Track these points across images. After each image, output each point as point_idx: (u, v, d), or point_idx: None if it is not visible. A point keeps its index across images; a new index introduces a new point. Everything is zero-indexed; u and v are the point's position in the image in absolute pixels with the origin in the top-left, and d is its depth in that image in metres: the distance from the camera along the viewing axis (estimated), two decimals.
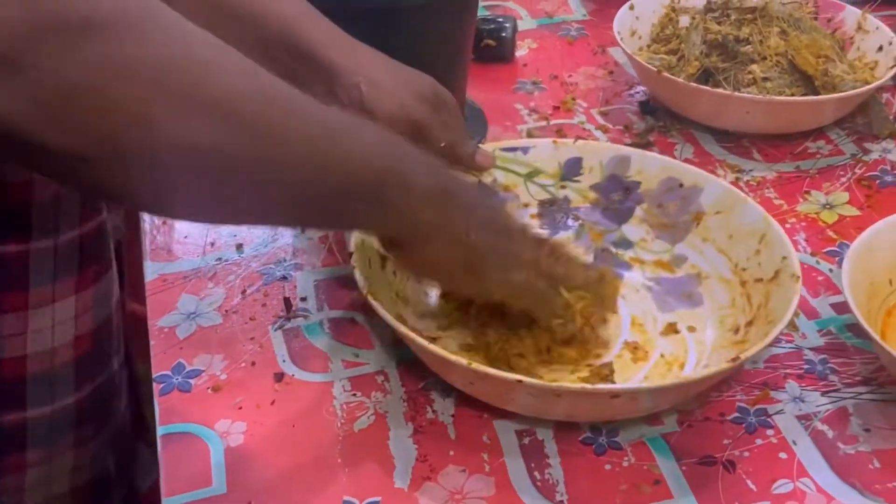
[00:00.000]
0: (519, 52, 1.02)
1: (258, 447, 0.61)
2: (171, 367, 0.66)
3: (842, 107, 0.88)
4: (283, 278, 0.73)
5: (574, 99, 0.94)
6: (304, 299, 0.71)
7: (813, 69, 0.86)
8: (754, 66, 0.87)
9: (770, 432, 0.62)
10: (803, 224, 0.79)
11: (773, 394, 0.65)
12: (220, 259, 0.75)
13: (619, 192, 0.76)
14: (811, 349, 0.68)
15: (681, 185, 0.74)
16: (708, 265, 0.72)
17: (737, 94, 0.85)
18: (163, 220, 0.78)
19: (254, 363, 0.67)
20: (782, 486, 0.59)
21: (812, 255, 0.76)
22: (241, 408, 0.63)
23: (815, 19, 0.95)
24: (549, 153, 0.77)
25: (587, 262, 0.71)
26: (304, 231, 0.78)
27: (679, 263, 0.73)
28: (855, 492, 0.59)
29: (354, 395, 0.64)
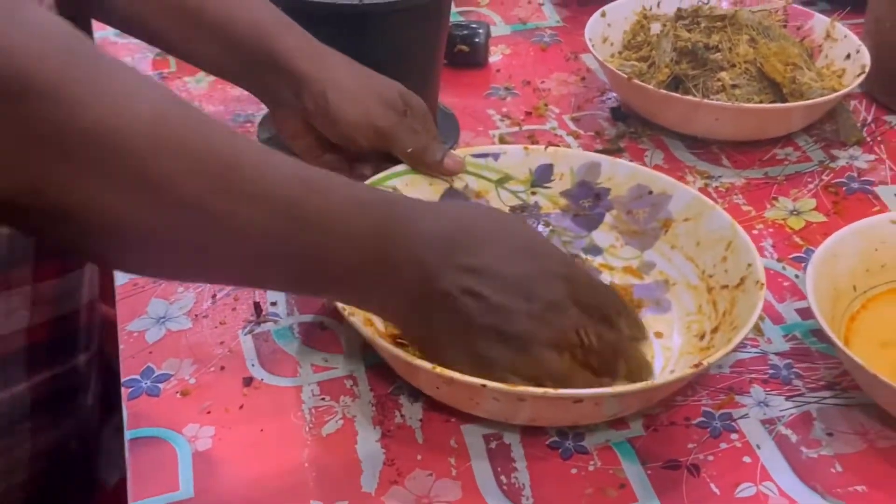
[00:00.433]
0: (492, 58, 1.03)
1: (226, 452, 0.61)
2: (140, 372, 0.66)
3: (810, 114, 0.89)
4: None
5: (546, 105, 0.95)
6: (273, 304, 0.72)
7: (781, 77, 0.87)
8: (723, 74, 0.88)
9: (734, 436, 0.63)
10: (770, 230, 0.80)
11: (739, 398, 0.65)
12: None
13: (589, 199, 0.77)
14: (776, 354, 0.69)
15: (650, 192, 0.75)
16: (676, 272, 0.72)
17: (706, 101, 0.86)
18: None
19: (223, 368, 0.67)
20: (746, 490, 0.60)
21: (778, 260, 0.77)
22: (209, 412, 0.64)
23: (785, 27, 0.96)
24: (519, 159, 0.77)
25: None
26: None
27: (648, 270, 0.74)
28: (817, 495, 0.59)
29: (323, 399, 0.65)
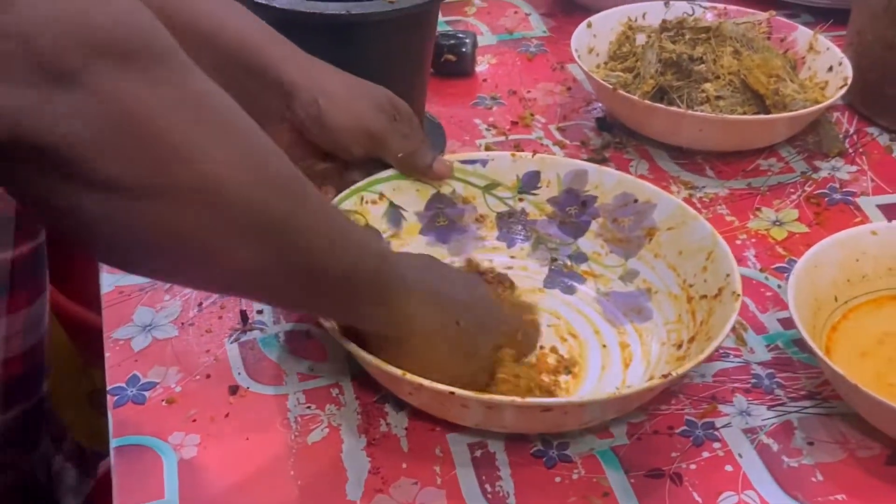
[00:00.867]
0: (479, 68, 1.03)
1: (212, 460, 0.61)
2: (125, 380, 0.66)
3: (793, 125, 0.90)
4: None
5: (532, 114, 0.96)
6: (260, 312, 0.72)
7: (764, 88, 0.88)
8: (708, 85, 0.89)
9: (717, 445, 0.63)
10: (753, 240, 0.81)
11: (721, 407, 0.66)
12: None
13: (575, 206, 0.77)
14: (758, 363, 0.70)
15: (635, 201, 0.75)
16: (659, 280, 0.73)
17: (690, 112, 0.87)
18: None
19: (209, 376, 0.67)
20: (727, 499, 0.60)
21: (761, 270, 0.78)
22: (195, 420, 0.64)
23: (769, 39, 0.97)
24: (507, 166, 0.78)
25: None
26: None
27: (631, 278, 0.74)
28: None
29: (309, 407, 0.65)
